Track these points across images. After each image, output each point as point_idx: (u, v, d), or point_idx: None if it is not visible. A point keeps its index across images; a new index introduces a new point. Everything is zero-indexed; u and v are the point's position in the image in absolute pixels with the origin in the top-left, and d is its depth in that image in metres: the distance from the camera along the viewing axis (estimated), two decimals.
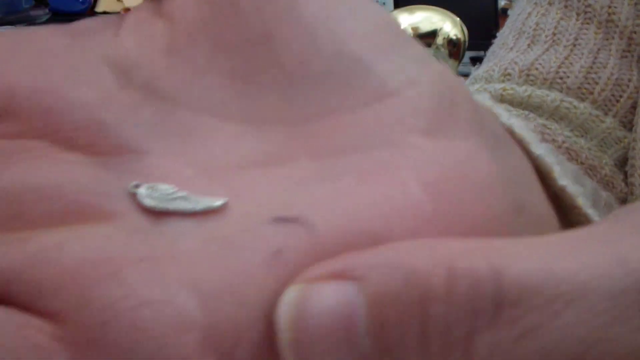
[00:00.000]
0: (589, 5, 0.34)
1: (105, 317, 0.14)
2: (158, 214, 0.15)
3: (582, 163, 0.32)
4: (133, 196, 0.15)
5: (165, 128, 0.16)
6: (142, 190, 0.15)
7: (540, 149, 0.25)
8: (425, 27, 1.31)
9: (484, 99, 0.28)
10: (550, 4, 0.36)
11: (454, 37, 1.32)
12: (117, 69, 0.16)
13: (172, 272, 0.14)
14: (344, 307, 0.13)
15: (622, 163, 0.35)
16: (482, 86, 0.36)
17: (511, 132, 0.25)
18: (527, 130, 0.25)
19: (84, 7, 1.67)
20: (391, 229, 0.15)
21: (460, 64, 1.45)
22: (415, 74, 0.17)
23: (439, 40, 1.32)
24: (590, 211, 0.25)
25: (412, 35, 1.30)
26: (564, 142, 0.32)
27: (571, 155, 0.32)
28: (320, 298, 0.13)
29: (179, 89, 0.17)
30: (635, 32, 0.33)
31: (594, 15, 0.34)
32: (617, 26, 0.34)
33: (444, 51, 1.33)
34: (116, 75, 0.16)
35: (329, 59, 0.16)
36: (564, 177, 0.25)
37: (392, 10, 1.50)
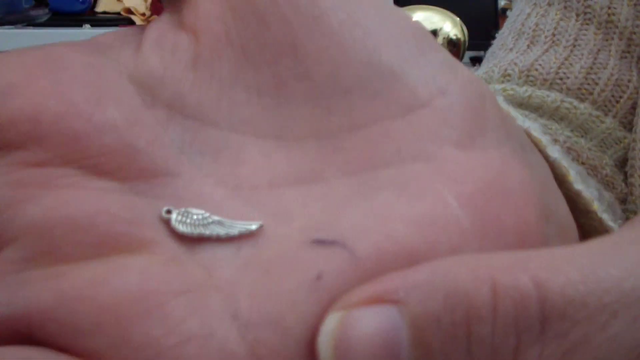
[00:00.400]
0: (589, 6, 0.34)
1: (147, 355, 0.13)
2: (193, 240, 0.15)
3: (583, 163, 0.32)
4: (166, 222, 0.15)
5: (194, 148, 0.16)
6: (174, 216, 0.15)
7: (555, 153, 0.24)
8: (425, 27, 1.31)
9: (500, 102, 0.27)
10: (549, 4, 0.36)
11: (454, 37, 1.32)
12: (141, 88, 0.16)
13: (212, 303, 0.14)
14: (386, 332, 0.13)
15: (622, 163, 0.34)
16: None
17: (528, 135, 0.25)
18: (542, 133, 0.25)
19: (84, 7, 1.67)
20: (432, 247, 0.15)
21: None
22: (445, 83, 0.16)
23: (439, 40, 1.32)
24: (604, 216, 0.24)
25: None
26: (565, 142, 0.32)
27: (572, 155, 0.32)
28: (361, 324, 0.13)
29: (206, 106, 0.16)
30: (634, 33, 0.33)
31: (594, 16, 0.34)
32: (616, 27, 0.34)
33: None
34: (141, 94, 0.16)
35: (358, 70, 0.16)
36: (579, 181, 0.24)
37: None
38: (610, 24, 0.34)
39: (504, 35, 0.38)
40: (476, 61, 1.82)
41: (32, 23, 1.61)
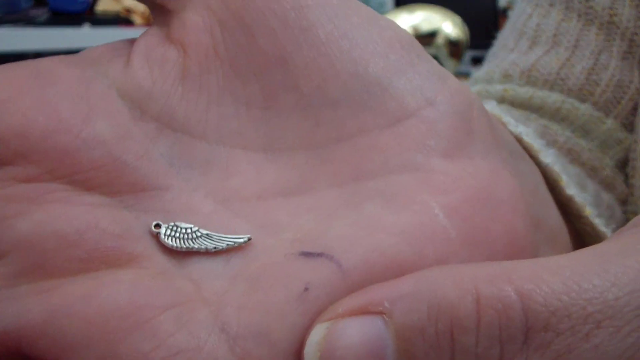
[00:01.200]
0: (591, 7, 0.34)
1: None
2: (182, 254, 0.15)
3: (583, 164, 0.32)
4: (155, 236, 0.15)
5: (183, 161, 0.16)
6: (163, 230, 0.15)
7: (548, 157, 0.24)
8: (425, 27, 1.31)
9: (492, 107, 0.27)
10: (551, 5, 0.35)
11: (454, 37, 1.32)
12: (130, 102, 0.16)
13: (201, 316, 0.14)
14: (371, 342, 0.13)
15: (623, 164, 0.34)
16: (483, 87, 0.36)
17: (519, 140, 0.25)
18: (535, 137, 0.25)
19: (83, 6, 1.67)
20: (419, 258, 0.15)
21: (461, 64, 1.45)
22: (432, 93, 0.17)
23: (439, 40, 1.32)
24: (597, 220, 0.24)
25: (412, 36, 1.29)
26: (565, 143, 0.32)
27: (572, 156, 0.32)
28: (346, 335, 0.13)
29: (194, 119, 0.16)
30: (636, 34, 0.33)
31: (595, 17, 0.34)
32: (618, 28, 0.33)
33: (444, 51, 1.33)
34: (130, 108, 0.16)
35: (345, 82, 0.16)
36: (572, 185, 0.25)
37: (392, 10, 1.50)
38: (612, 24, 0.34)
39: (505, 36, 0.38)
40: (477, 61, 1.82)
41: (32, 22, 1.61)
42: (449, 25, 1.30)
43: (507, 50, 0.36)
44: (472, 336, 0.13)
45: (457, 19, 1.32)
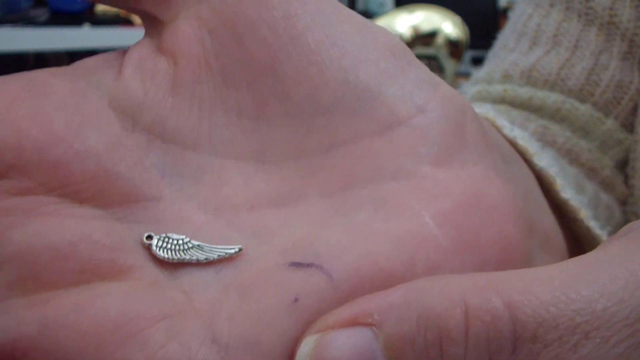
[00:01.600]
0: (591, 7, 0.34)
1: None
2: (174, 265, 0.15)
3: (582, 165, 0.32)
4: (147, 248, 0.15)
5: (174, 171, 0.16)
6: (155, 242, 0.15)
7: (543, 161, 0.24)
8: (425, 27, 1.31)
9: (487, 111, 0.27)
10: (551, 5, 0.35)
11: (454, 37, 1.32)
12: (122, 113, 0.16)
13: (192, 327, 0.14)
14: (361, 353, 0.13)
15: (623, 165, 0.34)
16: (483, 87, 0.36)
17: (514, 144, 0.25)
18: (530, 140, 0.25)
19: (83, 6, 1.67)
20: (409, 266, 0.15)
21: (461, 64, 1.45)
22: (423, 100, 0.17)
23: (439, 40, 1.32)
24: (592, 223, 0.25)
25: (412, 36, 1.29)
26: (564, 143, 0.32)
27: (572, 156, 0.32)
28: (336, 346, 0.13)
29: (186, 130, 0.16)
30: (637, 35, 0.33)
31: (596, 17, 0.34)
32: (618, 28, 0.33)
33: (444, 51, 1.33)
34: (122, 120, 0.16)
35: (336, 89, 0.16)
36: (567, 188, 0.25)
37: (392, 10, 1.50)
38: (612, 25, 0.34)
39: (506, 36, 0.38)
40: (477, 61, 1.82)
41: (32, 22, 1.61)
42: (449, 25, 1.30)
43: (507, 50, 0.36)
44: (461, 347, 0.13)
45: (457, 19, 1.32)
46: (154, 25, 0.17)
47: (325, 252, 0.15)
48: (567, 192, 0.25)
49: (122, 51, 0.17)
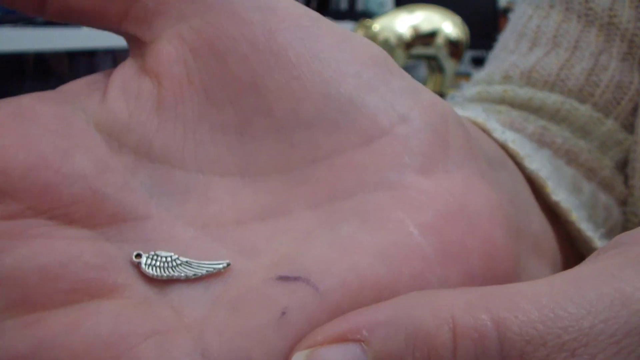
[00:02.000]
0: (590, 8, 0.34)
1: None
2: (163, 282, 0.15)
3: (581, 165, 0.32)
4: (136, 266, 0.15)
5: (161, 190, 0.16)
6: (144, 260, 0.15)
7: (534, 164, 0.24)
8: (425, 27, 1.31)
9: (477, 115, 0.27)
10: (551, 6, 0.35)
11: (454, 37, 1.32)
12: (108, 135, 0.16)
13: (182, 343, 0.14)
14: None
15: (622, 165, 0.34)
16: (483, 88, 0.36)
17: (505, 147, 0.25)
18: (523, 143, 0.25)
19: None
20: (395, 278, 0.15)
21: (461, 64, 1.45)
22: (405, 109, 0.17)
23: (439, 40, 1.32)
24: (584, 225, 0.25)
25: (412, 36, 1.29)
26: (563, 143, 0.32)
27: (570, 157, 0.32)
28: None
29: (172, 149, 0.16)
30: (636, 35, 0.33)
31: (595, 18, 0.34)
32: (618, 29, 0.33)
33: (444, 51, 1.33)
34: (107, 141, 0.16)
35: (318, 103, 0.16)
36: (559, 189, 0.25)
37: (392, 10, 1.50)
38: (612, 26, 0.34)
39: (506, 37, 0.38)
40: (477, 61, 1.82)
41: (32, 23, 1.61)
42: (449, 25, 1.30)
43: (507, 51, 0.36)
44: None
45: (457, 19, 1.32)
46: (137, 46, 0.17)
47: (312, 265, 0.15)
48: (558, 195, 0.25)
49: (108, 72, 0.18)
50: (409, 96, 0.17)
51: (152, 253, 0.15)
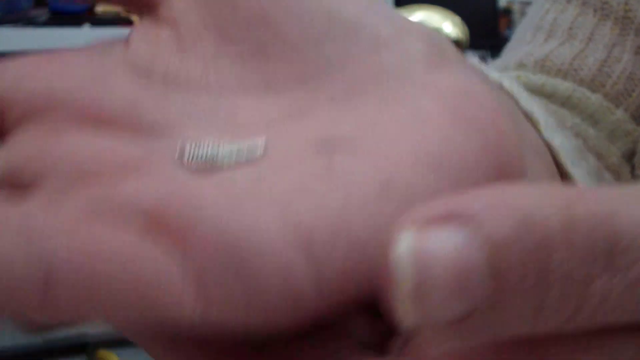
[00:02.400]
0: (606, 2, 0.35)
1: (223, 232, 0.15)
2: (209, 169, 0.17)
3: (589, 148, 0.33)
4: (180, 157, 0.17)
5: (193, 110, 0.18)
6: (188, 148, 0.17)
7: (532, 107, 0.24)
8: None
9: (504, 79, 0.28)
10: (568, 1, 0.36)
11: (454, 37, 1.33)
12: (136, 72, 0.18)
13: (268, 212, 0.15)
14: (464, 253, 0.12)
15: (630, 156, 0.35)
16: (496, 74, 0.36)
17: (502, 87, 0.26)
18: (517, 86, 0.26)
19: (83, 6, 1.67)
20: (433, 147, 0.16)
21: None
22: (404, 24, 0.19)
23: None
24: (575, 170, 0.24)
25: None
26: (572, 127, 0.33)
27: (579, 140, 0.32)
28: (439, 245, 0.12)
29: (196, 79, 0.18)
30: None
31: (611, 12, 0.35)
32: (633, 23, 0.34)
33: None
34: (137, 76, 0.18)
35: (323, 25, 0.18)
36: (550, 130, 0.24)
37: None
38: (627, 19, 0.34)
39: (523, 30, 0.38)
40: None
41: (32, 22, 1.61)
42: (449, 25, 1.31)
43: (523, 43, 0.37)
44: (564, 252, 0.12)
45: (457, 19, 1.32)
46: (150, 10, 0.19)
47: (353, 133, 0.17)
48: (549, 133, 0.24)
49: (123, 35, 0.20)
50: (405, 19, 0.19)
51: (194, 143, 0.17)
